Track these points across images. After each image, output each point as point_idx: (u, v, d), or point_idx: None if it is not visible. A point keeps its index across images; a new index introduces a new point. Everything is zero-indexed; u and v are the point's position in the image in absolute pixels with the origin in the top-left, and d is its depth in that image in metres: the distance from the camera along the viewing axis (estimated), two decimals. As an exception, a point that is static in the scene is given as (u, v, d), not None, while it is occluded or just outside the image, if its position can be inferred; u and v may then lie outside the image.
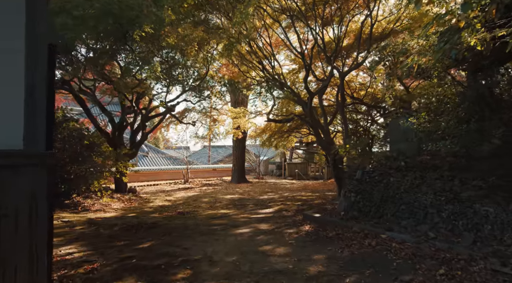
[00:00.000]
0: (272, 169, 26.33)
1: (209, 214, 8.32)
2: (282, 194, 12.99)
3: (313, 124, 10.20)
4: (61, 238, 5.60)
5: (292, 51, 11.38)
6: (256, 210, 8.94)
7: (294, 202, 10.36)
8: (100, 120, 17.60)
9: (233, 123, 15.45)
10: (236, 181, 18.03)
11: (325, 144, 10.37)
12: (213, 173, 22.75)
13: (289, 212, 8.57)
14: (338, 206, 7.40)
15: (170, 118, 15.55)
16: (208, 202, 10.63)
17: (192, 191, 14.18)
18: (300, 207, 9.08)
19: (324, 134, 10.39)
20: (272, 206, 9.55)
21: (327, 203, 9.74)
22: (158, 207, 9.39)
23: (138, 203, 10.10)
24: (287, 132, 20.40)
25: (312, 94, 9.80)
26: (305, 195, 12.47)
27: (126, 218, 7.65)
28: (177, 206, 9.72)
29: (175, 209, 9.11)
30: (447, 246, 4.60)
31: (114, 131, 11.22)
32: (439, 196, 5.39)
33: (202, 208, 9.26)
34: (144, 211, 8.77)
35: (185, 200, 10.99)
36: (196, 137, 16.30)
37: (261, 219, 7.62)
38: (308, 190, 14.35)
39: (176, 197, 11.91)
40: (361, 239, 5.45)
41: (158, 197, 11.70)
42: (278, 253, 4.90)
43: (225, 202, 10.65)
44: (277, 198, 11.53)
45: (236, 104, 17.06)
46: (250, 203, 10.37)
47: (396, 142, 9.00)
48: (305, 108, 10.25)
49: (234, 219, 7.71)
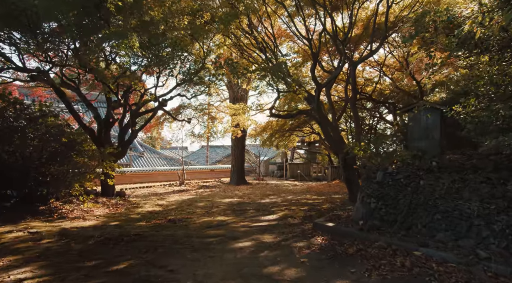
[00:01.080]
0: (272, 169, 25.27)
1: (204, 222, 7.25)
2: (285, 197, 11.93)
3: (321, 120, 9.14)
4: (18, 257, 4.52)
5: (297, 39, 10.34)
6: (258, 217, 7.88)
7: (300, 206, 9.31)
8: (90, 118, 16.57)
9: (232, 121, 14.37)
10: (235, 182, 16.96)
11: (334, 142, 9.32)
12: (211, 174, 21.68)
13: (296, 219, 7.51)
14: (354, 213, 6.35)
15: (165, 115, 14.48)
16: (204, 206, 9.57)
17: (187, 193, 13.10)
18: (308, 213, 8.03)
19: (333, 131, 9.34)
20: (276, 212, 8.50)
21: (336, 208, 8.69)
22: (147, 213, 8.32)
23: (125, 208, 9.02)
24: (289, 131, 19.34)
25: (320, 86, 8.74)
26: (311, 198, 11.42)
27: (107, 227, 6.57)
28: (169, 211, 8.64)
29: (165, 215, 8.04)
30: (509, 271, 3.54)
31: (100, 129, 10.15)
32: (488, 204, 4.34)
33: (196, 214, 8.19)
34: (130, 218, 7.69)
35: (178, 205, 9.91)
36: (192, 135, 15.16)
37: (264, 228, 6.55)
38: (312, 193, 13.29)
39: (169, 200, 10.83)
40: (390, 257, 4.39)
41: (149, 201, 10.62)
42: (288, 278, 3.85)
43: (222, 206, 9.59)
44: (280, 202, 10.47)
45: (235, 101, 16.00)
46: (250, 208, 9.31)
47: (417, 139, 7.95)
48: (312, 103, 9.20)
49: (232, 228, 6.65)
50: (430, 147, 7.58)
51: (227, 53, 13.46)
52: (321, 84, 8.82)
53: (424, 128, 7.87)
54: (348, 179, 9.20)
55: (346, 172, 9.18)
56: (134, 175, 18.01)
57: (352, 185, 9.16)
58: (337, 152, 9.28)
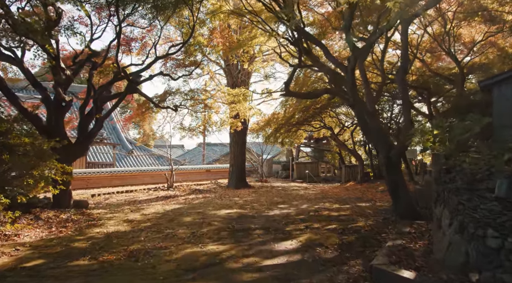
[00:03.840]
0: (276, 169, 22.54)
1: (185, 258, 4.54)
2: (299, 206, 9.23)
3: (355, 103, 6.42)
4: None
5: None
6: (269, 244, 5.18)
7: (324, 223, 6.63)
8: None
9: (231, 111, 11.65)
10: (234, 185, 14.23)
11: (372, 132, 6.61)
12: (207, 174, 18.95)
13: (328, 249, 4.84)
14: (448, 253, 3.62)
15: (147, 103, 11.73)
16: (191, 223, 6.86)
17: (173, 201, 10.37)
18: (343, 238, 5.35)
19: (370, 118, 6.64)
20: (294, 234, 5.80)
21: (380, 226, 6.01)
22: (104, 238, 5.59)
23: (76, 228, 6.29)
24: (296, 125, 16.60)
25: (358, 51, 6.01)
26: (332, 207, 8.73)
27: (11, 276, 3.85)
28: (138, 234, 5.92)
29: (130, 242, 5.32)
30: None
31: (49, 116, 7.43)
32: None
33: (177, 240, 5.48)
34: (71, 249, 4.97)
35: (156, 220, 7.20)
36: (182, 129, 12.41)
37: (285, 275, 3.86)
38: (330, 199, 10.59)
39: (146, 213, 8.10)
40: None
41: (119, 214, 7.89)
42: None
43: (217, 223, 6.89)
44: (294, 214, 7.78)
45: (234, 88, 13.23)
46: (256, 225, 6.62)
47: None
48: (339, 81, 6.53)
49: (229, 272, 3.96)
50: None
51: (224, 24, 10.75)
52: (360, 49, 6.06)
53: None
54: (393, 183, 6.48)
55: (390, 174, 6.47)
56: (116, 176, 15.27)
57: (398, 191, 6.47)
58: (377, 146, 6.58)
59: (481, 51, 11.90)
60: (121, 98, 8.00)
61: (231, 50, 10.78)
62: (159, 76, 9.54)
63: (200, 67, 11.99)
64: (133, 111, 12.76)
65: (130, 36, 10.57)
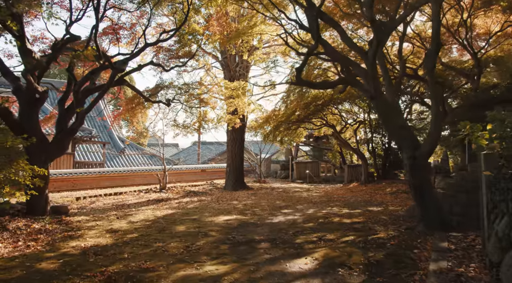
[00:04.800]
0: (275, 169, 21.65)
1: (177, 284, 3.62)
2: (304, 210, 8.36)
3: (376, 95, 5.52)
4: None
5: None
6: (279, 263, 4.27)
7: (338, 233, 5.75)
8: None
9: (228, 106, 10.71)
10: (231, 187, 13.30)
11: (395, 127, 5.73)
12: (202, 174, 18.01)
13: (353, 270, 3.96)
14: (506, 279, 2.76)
15: (138, 98, 10.74)
16: (184, 234, 5.93)
17: (166, 205, 9.42)
18: (369, 256, 4.45)
19: (392, 114, 5.75)
20: (306, 248, 4.91)
21: (407, 238, 5.14)
22: (78, 255, 4.63)
23: (48, 241, 5.32)
24: (296, 123, 15.72)
25: (381, 33, 5.10)
26: (341, 212, 7.87)
27: None
28: (122, 248, 4.98)
29: (109, 261, 4.37)
30: None
31: (21, 109, 6.43)
32: None
33: (167, 257, 4.54)
34: (33, 272, 4.00)
35: (145, 230, 6.25)
36: (176, 126, 11.45)
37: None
38: (337, 202, 9.75)
39: (134, 220, 7.15)
40: None
41: (102, 222, 6.92)
42: None
43: (215, 233, 5.97)
44: (301, 221, 6.90)
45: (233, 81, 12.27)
46: (260, 235, 5.72)
47: None
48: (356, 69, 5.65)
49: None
50: None
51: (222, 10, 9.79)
52: (383, 32, 5.15)
53: None
54: (419, 187, 5.60)
55: (415, 177, 5.58)
56: (105, 177, 14.25)
57: (424, 196, 5.60)
58: (401, 146, 5.70)
59: (498, 43, 11.11)
60: (105, 90, 7.02)
61: (229, 40, 9.85)
62: (150, 67, 8.58)
63: (195, 59, 11.02)
64: (122, 107, 11.73)
65: (119, 23, 9.57)
